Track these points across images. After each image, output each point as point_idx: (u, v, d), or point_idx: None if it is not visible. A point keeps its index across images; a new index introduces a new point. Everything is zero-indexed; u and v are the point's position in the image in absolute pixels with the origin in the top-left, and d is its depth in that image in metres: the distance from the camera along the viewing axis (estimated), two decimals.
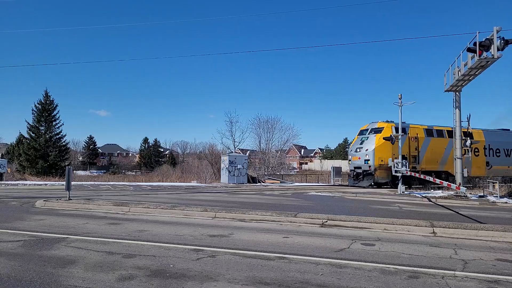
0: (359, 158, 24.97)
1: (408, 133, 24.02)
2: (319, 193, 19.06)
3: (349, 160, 27.01)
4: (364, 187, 23.77)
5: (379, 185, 24.38)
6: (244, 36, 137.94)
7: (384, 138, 22.26)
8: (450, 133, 24.61)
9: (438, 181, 17.57)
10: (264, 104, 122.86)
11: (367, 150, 24.31)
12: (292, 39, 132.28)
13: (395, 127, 22.91)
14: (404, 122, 23.59)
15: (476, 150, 26.18)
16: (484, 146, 26.94)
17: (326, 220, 9.32)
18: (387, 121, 24.82)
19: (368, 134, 25.11)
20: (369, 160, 23.92)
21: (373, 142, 24.10)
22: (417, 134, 24.68)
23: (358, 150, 25.50)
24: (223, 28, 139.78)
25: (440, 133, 25.93)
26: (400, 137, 21.30)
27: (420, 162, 24.43)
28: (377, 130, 24.57)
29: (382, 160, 23.32)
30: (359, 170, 24.71)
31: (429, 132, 25.53)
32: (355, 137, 27.77)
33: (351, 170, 26.35)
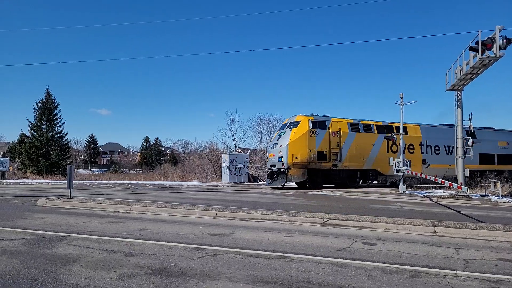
0: (274, 155, 22.68)
1: (329, 128, 22.28)
2: (320, 193, 19.06)
3: (266, 158, 24.89)
4: (277, 188, 21.94)
5: (300, 185, 22.67)
6: (245, 35, 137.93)
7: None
8: (380, 128, 23.84)
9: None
10: (265, 103, 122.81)
11: (281, 146, 22.01)
12: (293, 38, 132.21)
13: (313, 121, 21.73)
14: (328, 116, 22.60)
15: (411, 146, 24.38)
16: (421, 142, 24.83)
17: (327, 219, 9.32)
18: (312, 115, 22.68)
19: (286, 128, 22.69)
20: (282, 157, 21.60)
21: (287, 137, 21.80)
22: (339, 128, 22.57)
23: (274, 146, 23.23)
24: (224, 27, 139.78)
25: (367, 127, 23.73)
26: (317, 131, 20.39)
27: (342, 159, 22.39)
28: (294, 124, 22.28)
29: (296, 157, 21.24)
30: (274, 169, 22.25)
31: (354, 126, 23.36)
32: (276, 132, 25.66)
33: (268, 169, 23.93)
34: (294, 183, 23.08)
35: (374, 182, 25.21)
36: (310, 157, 21.41)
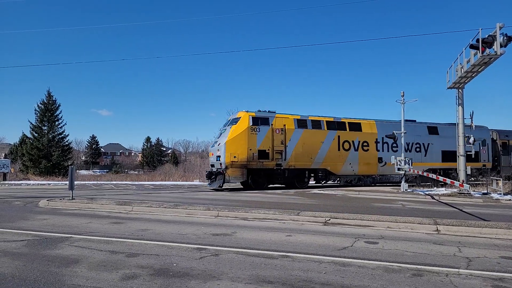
0: (213, 154, 21.32)
1: (272, 124, 20.56)
2: (322, 191, 19.04)
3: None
4: (215, 189, 20.24)
5: (246, 185, 21.05)
6: (245, 35, 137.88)
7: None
8: (331, 124, 22.35)
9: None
10: (266, 102, 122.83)
11: (219, 144, 20.53)
12: (294, 37, 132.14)
13: (253, 117, 20.20)
14: (273, 112, 21.14)
15: (365, 143, 22.83)
16: (377, 139, 23.15)
17: (329, 218, 9.31)
18: (260, 111, 21.21)
19: (227, 126, 21.19)
20: (220, 156, 20.09)
21: (226, 135, 20.31)
22: (284, 125, 20.86)
23: (214, 145, 21.83)
24: (225, 27, 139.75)
25: (316, 124, 21.99)
26: (259, 128, 19.17)
27: (287, 158, 20.68)
28: (235, 121, 20.78)
29: (235, 156, 19.62)
30: (214, 169, 20.71)
31: (301, 123, 21.61)
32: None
33: (207, 170, 22.50)
34: (236, 184, 21.58)
35: (330, 182, 23.99)
36: (251, 156, 19.84)
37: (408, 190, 18.78)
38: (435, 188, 20.54)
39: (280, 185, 21.58)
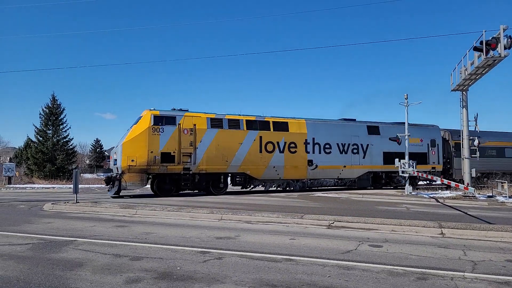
0: (112, 158, 19.18)
1: (180, 124, 18.11)
2: (325, 195, 19.00)
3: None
4: (113, 196, 17.48)
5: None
6: (246, 36, 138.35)
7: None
8: (251, 124, 19.72)
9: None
10: (267, 103, 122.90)
11: (117, 146, 18.19)
12: (296, 39, 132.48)
13: (156, 116, 17.81)
14: (186, 110, 18.91)
15: (293, 145, 20.35)
16: (306, 140, 20.71)
17: (332, 222, 9.28)
18: (174, 109, 19.03)
19: (131, 126, 18.47)
20: (117, 159, 17.62)
21: (125, 136, 17.99)
22: (194, 125, 18.39)
23: (114, 147, 19.49)
24: (227, 31, 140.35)
25: (234, 123, 19.43)
26: (163, 128, 17.19)
27: (197, 161, 18.16)
28: (137, 121, 18.33)
29: (133, 160, 17.12)
30: (113, 174, 18.26)
31: (215, 122, 19.06)
32: None
33: (107, 175, 19.88)
34: (135, 191, 19.64)
35: (256, 189, 21.16)
36: (152, 159, 17.34)
37: (413, 193, 18.70)
38: (439, 190, 20.45)
39: (191, 191, 19.19)
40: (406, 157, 19.38)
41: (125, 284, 4.58)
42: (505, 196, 16.41)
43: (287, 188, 20.80)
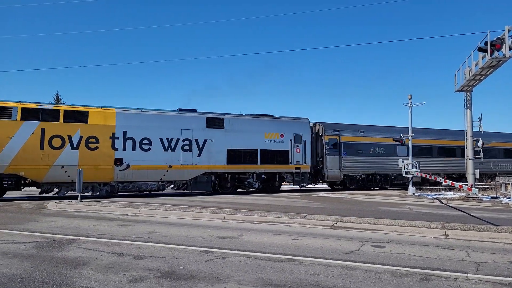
0: None
1: None
2: (329, 195, 18.96)
3: None
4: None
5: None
6: (247, 36, 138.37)
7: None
8: (30, 113, 15.67)
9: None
10: (270, 102, 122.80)
11: None
12: (299, 39, 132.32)
13: None
14: None
15: (92, 140, 16.39)
16: (114, 134, 16.82)
17: (335, 222, 9.27)
18: None
19: None
20: None
21: None
22: None
23: None
24: (228, 32, 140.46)
25: (3, 112, 15.28)
26: None
27: None
28: None
29: None
30: None
31: None
32: None
33: None
34: None
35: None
36: None
37: (416, 194, 18.65)
38: (443, 191, 20.36)
39: None
40: (410, 157, 19.31)
41: (128, 282, 4.60)
42: (509, 198, 16.31)
43: (92, 194, 16.70)
